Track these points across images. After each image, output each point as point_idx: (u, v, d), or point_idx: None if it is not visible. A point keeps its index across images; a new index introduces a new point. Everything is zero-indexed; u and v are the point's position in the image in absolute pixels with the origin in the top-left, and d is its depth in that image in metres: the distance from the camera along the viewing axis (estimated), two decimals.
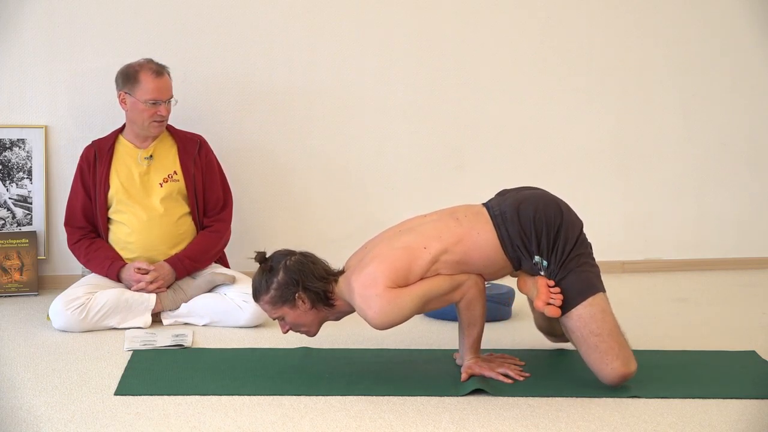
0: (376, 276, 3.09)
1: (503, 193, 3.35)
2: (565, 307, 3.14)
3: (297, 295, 3.15)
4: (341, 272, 3.25)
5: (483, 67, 4.97)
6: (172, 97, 4.12)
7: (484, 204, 3.31)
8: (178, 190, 4.15)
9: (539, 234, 3.17)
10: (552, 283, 3.16)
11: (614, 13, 5.06)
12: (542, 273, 3.19)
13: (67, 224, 4.21)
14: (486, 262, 3.21)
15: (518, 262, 3.23)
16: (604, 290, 3.18)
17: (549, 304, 3.13)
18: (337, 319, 3.29)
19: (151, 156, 4.16)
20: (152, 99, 4.05)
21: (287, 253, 3.22)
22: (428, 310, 3.22)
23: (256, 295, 3.22)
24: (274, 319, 3.26)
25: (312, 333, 3.27)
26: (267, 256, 3.24)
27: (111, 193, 4.12)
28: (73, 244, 4.18)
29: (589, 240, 3.28)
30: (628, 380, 3.13)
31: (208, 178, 4.23)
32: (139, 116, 4.09)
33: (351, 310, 3.22)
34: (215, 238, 4.21)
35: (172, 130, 4.24)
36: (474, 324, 3.24)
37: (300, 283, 3.15)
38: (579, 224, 3.24)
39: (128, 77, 4.08)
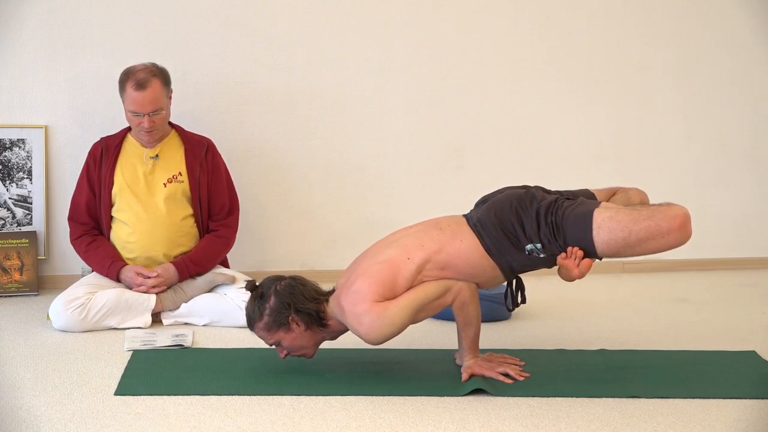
0: (363, 292, 3.11)
1: (480, 203, 3.37)
2: (589, 251, 3.13)
3: (290, 318, 3.16)
4: (331, 292, 3.26)
5: (483, 67, 4.97)
6: (158, 109, 4.04)
7: (464, 215, 3.33)
8: (181, 191, 4.15)
9: (522, 224, 3.17)
10: (567, 252, 3.14)
11: (614, 14, 5.06)
12: (542, 256, 3.18)
13: (70, 219, 4.22)
14: (473, 269, 3.21)
15: (509, 267, 3.23)
16: (596, 205, 3.17)
17: (578, 266, 3.12)
18: (333, 338, 3.30)
19: (156, 156, 4.17)
20: (132, 111, 4.04)
21: (276, 279, 3.24)
22: (422, 318, 3.21)
23: (251, 323, 3.24)
24: (270, 345, 3.27)
25: (309, 355, 3.28)
26: (257, 284, 3.24)
27: (115, 190, 4.13)
28: (74, 240, 4.19)
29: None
30: (688, 216, 3.07)
31: (213, 182, 4.23)
32: (129, 123, 4.10)
33: (345, 329, 3.25)
34: (221, 243, 4.22)
35: (180, 132, 4.24)
36: (469, 324, 3.25)
37: (292, 306, 3.16)
38: (553, 197, 3.25)
39: (120, 83, 4.09)
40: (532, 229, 3.17)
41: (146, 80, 4.01)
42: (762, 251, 5.32)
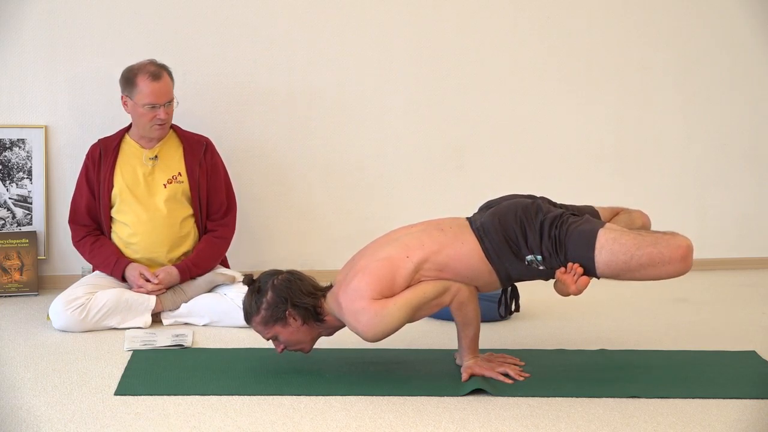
0: (361, 289, 3.11)
1: (485, 208, 3.37)
2: (589, 269, 3.14)
3: (287, 312, 3.17)
4: (329, 287, 3.27)
5: (483, 67, 4.97)
6: (171, 99, 4.11)
7: (467, 218, 3.33)
8: (182, 191, 4.15)
9: (525, 234, 3.17)
10: (567, 267, 3.14)
11: (614, 14, 5.06)
12: (541, 268, 3.19)
13: (71, 221, 4.22)
14: (471, 272, 3.21)
15: (506, 274, 3.23)
16: (601, 225, 3.17)
17: (576, 282, 3.12)
18: (330, 334, 3.31)
19: (156, 156, 4.16)
20: (149, 103, 4.04)
21: (274, 273, 3.24)
22: (420, 317, 3.22)
23: (248, 317, 3.25)
24: (267, 340, 3.27)
25: (306, 350, 3.29)
26: (254, 278, 3.24)
27: (114, 192, 4.12)
28: (77, 242, 4.19)
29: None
30: (690, 248, 3.08)
31: (212, 181, 4.23)
32: (140, 120, 4.09)
33: (342, 324, 3.25)
34: (220, 243, 4.22)
35: (178, 131, 4.24)
36: (468, 324, 3.26)
37: (289, 300, 3.17)
38: (559, 211, 3.25)
39: (127, 81, 4.08)
40: (534, 240, 3.17)
41: (159, 72, 4.06)
42: (762, 251, 5.32)
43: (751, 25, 5.13)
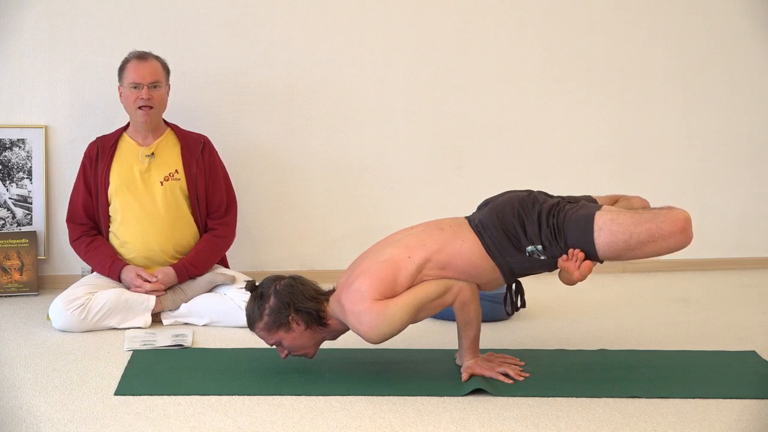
0: (363, 291, 3.11)
1: (483, 205, 3.37)
2: (590, 253, 3.13)
3: (290, 317, 3.17)
4: (332, 291, 3.27)
5: (483, 67, 4.97)
6: (157, 82, 4.11)
7: (465, 217, 3.34)
8: (179, 188, 4.15)
9: (524, 225, 3.18)
10: (568, 254, 3.14)
11: (614, 13, 5.07)
12: (543, 258, 3.19)
13: (68, 220, 4.22)
14: (473, 270, 3.21)
15: (509, 269, 3.23)
16: (597, 207, 3.18)
17: (579, 268, 3.12)
18: (333, 338, 3.30)
19: (152, 154, 4.16)
20: (133, 82, 4.07)
21: (276, 278, 3.24)
22: (423, 317, 3.21)
23: (251, 323, 3.24)
24: (270, 345, 3.27)
25: (310, 354, 3.28)
26: (256, 284, 3.24)
27: (111, 190, 4.13)
28: (74, 241, 4.19)
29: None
30: (689, 220, 3.08)
31: (211, 179, 4.23)
32: (127, 104, 4.14)
33: (345, 328, 3.25)
34: (220, 243, 4.22)
35: (176, 130, 4.25)
36: (470, 324, 3.25)
37: (292, 305, 3.16)
38: (555, 200, 3.26)
39: (120, 68, 4.15)
40: (533, 230, 3.17)
41: (147, 54, 4.14)
42: (762, 251, 5.32)
43: (751, 26, 5.13)
